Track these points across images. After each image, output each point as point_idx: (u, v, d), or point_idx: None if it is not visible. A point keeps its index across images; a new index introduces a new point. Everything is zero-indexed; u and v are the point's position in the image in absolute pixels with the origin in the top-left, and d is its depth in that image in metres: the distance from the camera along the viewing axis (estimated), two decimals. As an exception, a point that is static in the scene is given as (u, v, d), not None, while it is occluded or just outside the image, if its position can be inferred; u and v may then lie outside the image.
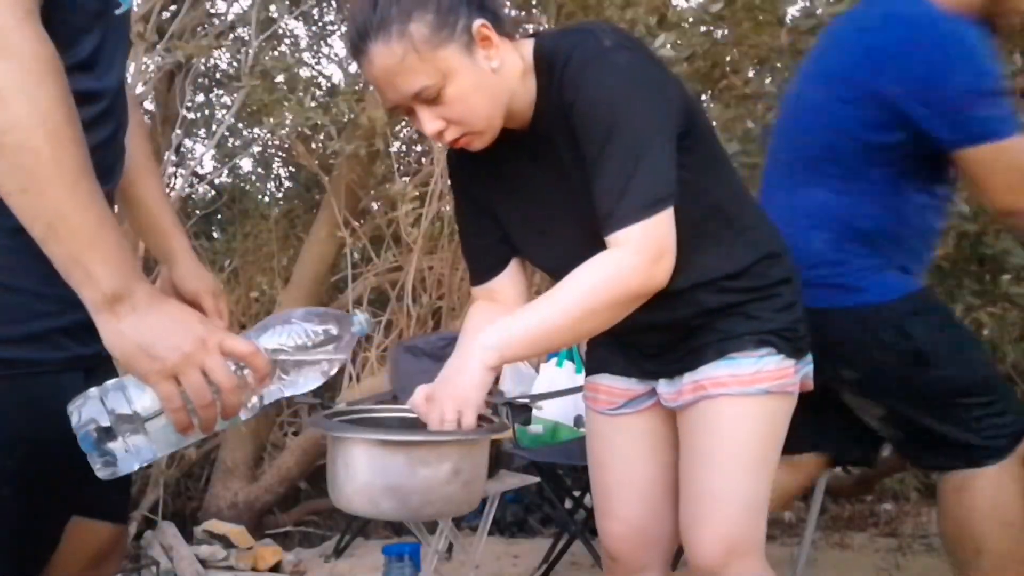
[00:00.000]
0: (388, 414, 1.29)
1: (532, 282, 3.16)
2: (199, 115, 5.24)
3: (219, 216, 5.47)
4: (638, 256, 1.19)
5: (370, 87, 3.79)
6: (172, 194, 4.10)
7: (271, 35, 4.17)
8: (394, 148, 4.65)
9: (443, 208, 4.12)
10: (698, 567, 1.37)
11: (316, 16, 5.14)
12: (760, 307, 1.37)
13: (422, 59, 1.17)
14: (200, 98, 5.25)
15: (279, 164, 5.75)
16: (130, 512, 3.37)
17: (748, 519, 1.35)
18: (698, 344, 1.38)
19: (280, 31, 4.59)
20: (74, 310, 0.86)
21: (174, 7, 4.13)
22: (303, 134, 4.53)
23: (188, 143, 5.33)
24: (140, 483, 3.80)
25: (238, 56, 4.41)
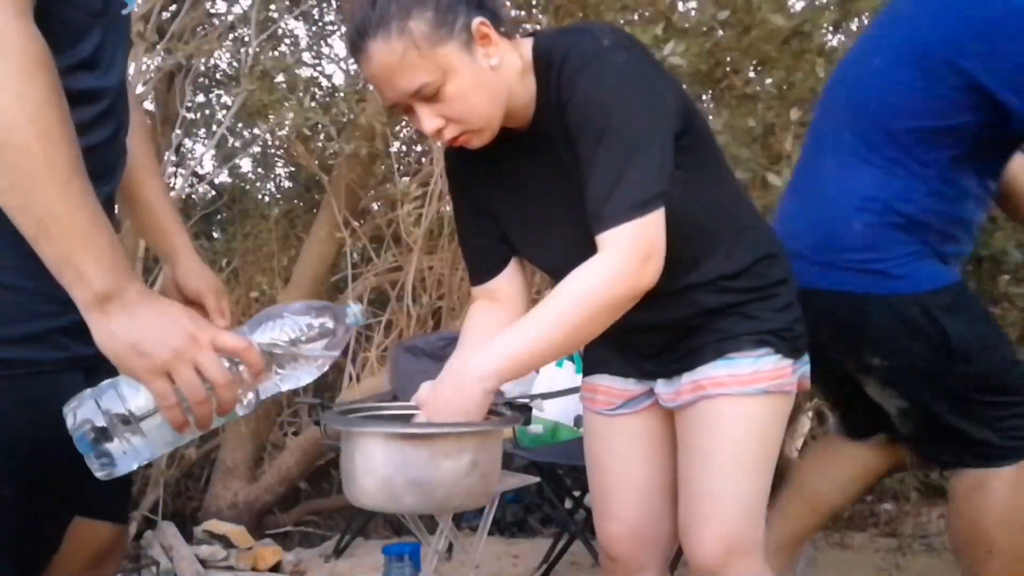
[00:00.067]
0: (394, 411, 1.29)
1: (532, 282, 3.16)
2: (199, 115, 5.24)
3: (219, 216, 5.47)
4: (625, 258, 1.18)
5: (370, 87, 3.79)
6: (172, 194, 4.10)
7: (271, 35, 4.17)
8: (394, 148, 4.65)
9: (443, 208, 4.11)
10: (698, 567, 1.37)
11: (316, 16, 5.14)
12: (759, 307, 1.37)
13: (422, 56, 1.17)
14: (200, 98, 5.25)
15: (280, 164, 5.75)
16: (130, 512, 3.37)
17: (747, 519, 1.35)
18: (697, 344, 1.37)
19: (280, 31, 4.59)
20: (75, 310, 0.86)
21: (174, 7, 4.13)
22: (303, 134, 4.53)
23: (188, 143, 5.33)
24: (140, 483, 3.80)
25: (238, 56, 4.41)
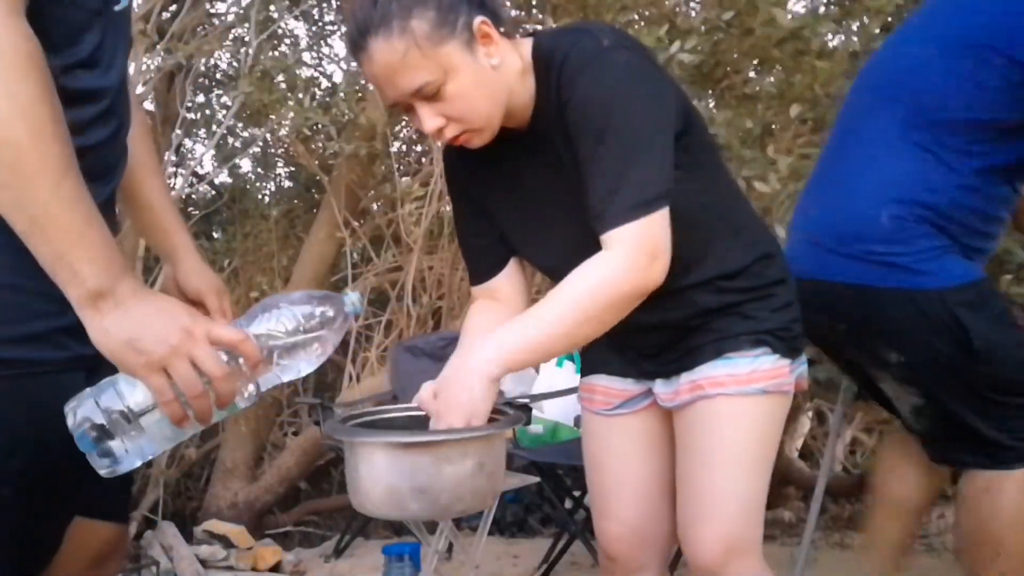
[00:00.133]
0: (397, 414, 1.28)
1: (532, 281, 3.16)
2: (199, 115, 5.24)
3: (219, 216, 5.47)
4: (632, 257, 1.17)
5: (370, 86, 3.79)
6: (172, 194, 4.10)
7: (271, 35, 4.17)
8: (394, 148, 4.65)
9: (443, 208, 4.12)
10: (697, 567, 1.37)
11: (316, 16, 5.14)
12: (757, 307, 1.37)
13: (423, 55, 1.16)
14: (200, 98, 5.25)
15: (280, 164, 5.76)
16: (130, 512, 3.36)
17: (747, 518, 1.35)
18: (695, 344, 1.37)
19: (280, 31, 4.59)
20: (74, 309, 0.86)
21: (174, 7, 4.13)
22: (303, 134, 4.53)
23: (188, 143, 5.33)
24: (140, 483, 3.80)
25: (238, 56, 4.41)
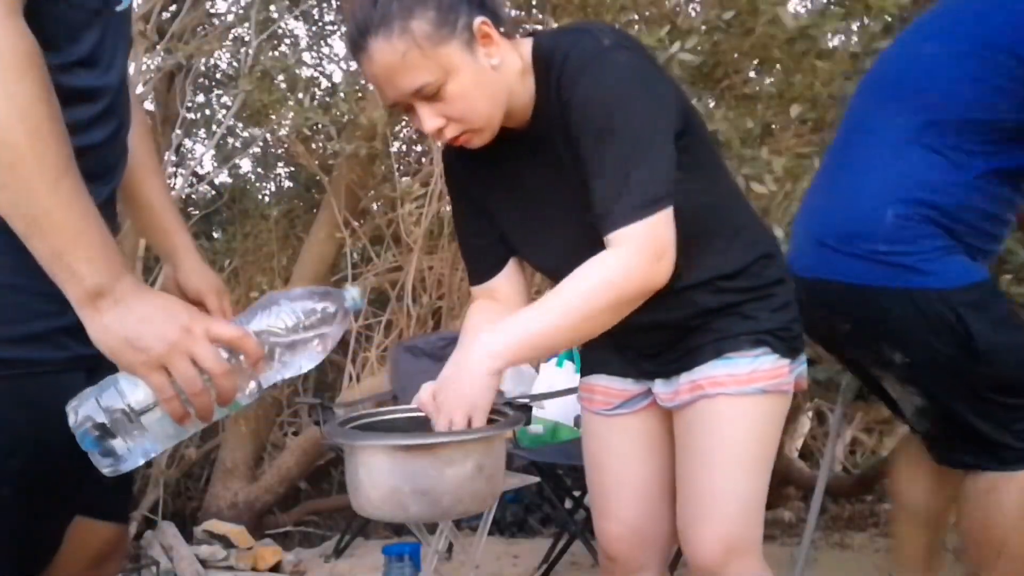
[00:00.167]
0: (397, 415, 1.28)
1: (532, 281, 3.16)
2: (199, 115, 5.24)
3: (219, 216, 5.47)
4: (638, 256, 1.18)
5: (370, 86, 3.79)
6: (172, 194, 4.10)
7: (271, 35, 4.17)
8: (394, 148, 4.65)
9: (443, 208, 4.12)
10: (697, 566, 1.37)
11: (316, 16, 5.14)
12: (756, 307, 1.37)
13: (424, 56, 1.16)
14: (200, 98, 5.25)
15: (280, 164, 5.76)
16: (131, 512, 3.36)
17: (747, 518, 1.35)
18: (695, 344, 1.37)
19: (280, 31, 4.59)
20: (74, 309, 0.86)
21: (174, 7, 4.13)
22: (303, 134, 4.53)
23: (188, 143, 5.33)
24: (140, 483, 3.80)
25: (238, 56, 4.41)
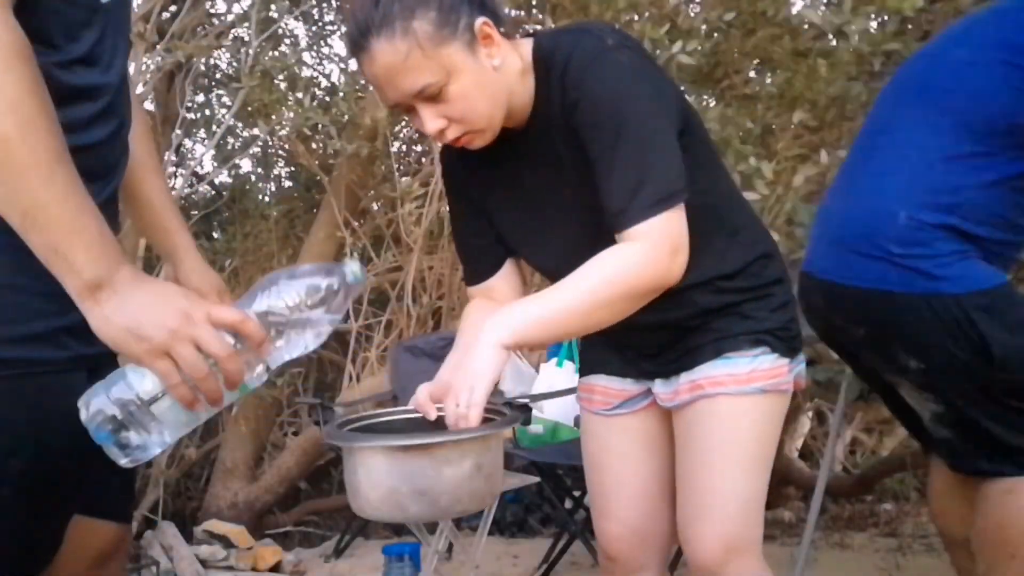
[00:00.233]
0: (395, 416, 1.28)
1: (531, 282, 3.16)
2: (199, 115, 5.25)
3: (219, 216, 5.47)
4: (655, 250, 1.18)
5: (370, 86, 3.79)
6: (172, 194, 4.11)
7: (271, 35, 4.17)
8: (394, 148, 4.65)
9: (443, 208, 4.12)
10: (697, 566, 1.36)
11: (316, 16, 5.14)
12: (755, 307, 1.37)
13: (426, 56, 1.16)
14: (200, 98, 5.25)
15: (280, 164, 5.76)
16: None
17: (747, 517, 1.35)
18: (695, 344, 1.37)
19: (280, 31, 4.59)
20: (76, 309, 0.85)
21: (174, 7, 4.14)
22: (303, 134, 4.53)
23: (188, 143, 5.34)
24: (140, 483, 3.81)
25: (238, 56, 4.41)
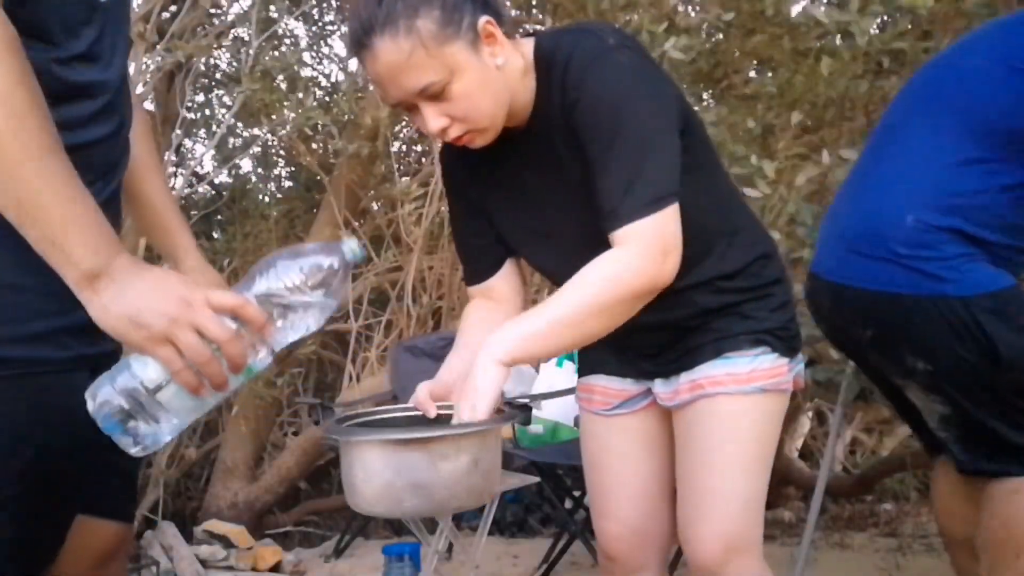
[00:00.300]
0: (395, 414, 1.28)
1: (531, 281, 3.16)
2: (199, 115, 5.25)
3: (219, 216, 5.47)
4: (645, 253, 1.18)
5: (370, 86, 3.79)
6: (172, 194, 4.11)
7: (271, 35, 4.17)
8: (394, 148, 4.66)
9: (443, 208, 4.13)
10: (697, 566, 1.36)
11: (316, 16, 5.15)
12: (755, 307, 1.37)
13: (429, 55, 1.16)
14: (200, 98, 5.25)
15: (280, 164, 5.76)
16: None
17: (747, 517, 1.35)
18: (695, 344, 1.37)
19: (280, 31, 4.60)
20: (78, 308, 0.85)
21: (174, 7, 4.14)
22: (303, 134, 4.53)
23: (188, 143, 5.34)
24: (140, 483, 3.81)
25: (238, 56, 4.42)
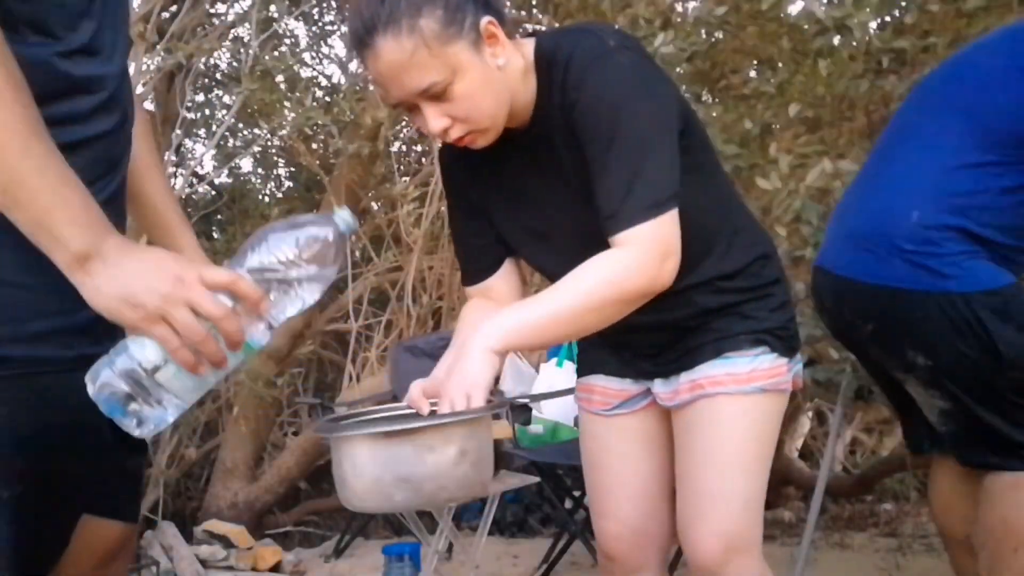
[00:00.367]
0: (388, 413, 1.28)
1: (532, 281, 3.16)
2: (199, 115, 5.25)
3: (219, 216, 5.48)
4: (645, 255, 1.18)
5: (370, 86, 3.79)
6: (173, 193, 4.11)
7: (271, 35, 4.17)
8: (394, 148, 4.66)
9: (443, 208, 4.13)
10: (697, 565, 1.36)
11: (316, 16, 5.15)
12: (755, 307, 1.37)
13: (432, 55, 1.15)
14: (200, 98, 5.25)
15: (280, 164, 5.77)
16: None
17: (747, 516, 1.35)
18: (695, 344, 1.37)
19: (280, 31, 4.60)
20: (81, 308, 0.85)
21: (174, 7, 4.14)
22: (303, 134, 4.54)
23: (188, 143, 5.34)
24: (140, 483, 3.81)
25: (238, 56, 4.42)
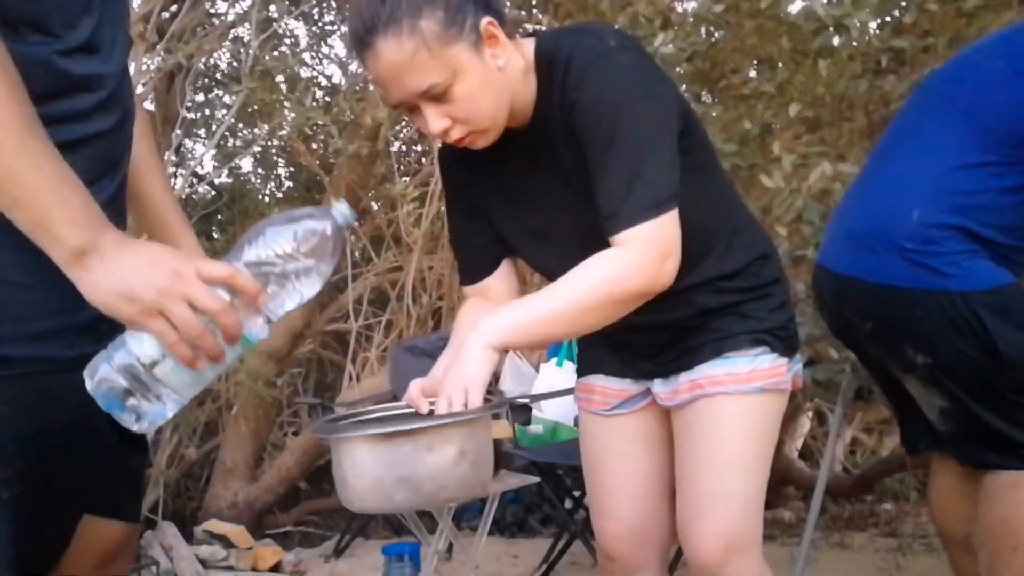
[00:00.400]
0: (388, 412, 1.28)
1: (531, 282, 3.16)
2: (199, 115, 5.25)
3: (219, 216, 5.48)
4: (645, 256, 1.18)
5: (371, 86, 3.79)
6: (173, 192, 4.11)
7: (271, 35, 4.17)
8: (394, 148, 4.66)
9: (443, 208, 4.12)
10: (697, 565, 1.36)
11: (316, 16, 5.15)
12: (755, 307, 1.37)
13: (433, 56, 1.15)
14: (200, 98, 5.25)
15: (281, 164, 5.77)
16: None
17: (747, 516, 1.35)
18: (695, 344, 1.37)
19: (280, 31, 4.60)
20: (82, 308, 0.85)
21: (174, 7, 4.14)
22: (304, 134, 4.54)
23: (188, 143, 5.34)
24: (140, 483, 3.81)
25: (238, 56, 4.42)
